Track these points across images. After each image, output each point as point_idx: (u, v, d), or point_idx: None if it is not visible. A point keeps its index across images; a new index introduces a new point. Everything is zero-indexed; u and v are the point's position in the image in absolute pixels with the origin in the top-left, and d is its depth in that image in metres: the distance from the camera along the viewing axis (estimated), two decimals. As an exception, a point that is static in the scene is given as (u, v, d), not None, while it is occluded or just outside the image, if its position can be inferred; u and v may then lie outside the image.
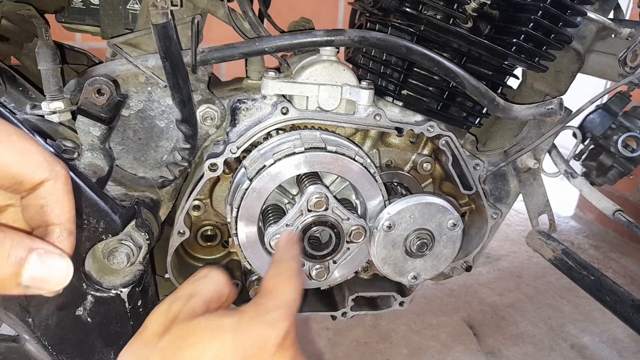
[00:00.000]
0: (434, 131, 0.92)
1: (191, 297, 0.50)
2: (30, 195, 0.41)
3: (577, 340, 1.98)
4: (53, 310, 0.76)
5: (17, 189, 0.40)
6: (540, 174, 1.12)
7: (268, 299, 0.52)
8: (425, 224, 0.89)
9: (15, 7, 0.87)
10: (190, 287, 0.52)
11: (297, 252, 0.64)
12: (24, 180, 0.39)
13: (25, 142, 0.39)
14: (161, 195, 0.94)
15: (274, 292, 0.53)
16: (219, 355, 0.45)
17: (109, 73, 0.86)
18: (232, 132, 0.90)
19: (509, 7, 0.89)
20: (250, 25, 0.91)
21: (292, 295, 0.53)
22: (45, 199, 0.41)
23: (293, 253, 0.62)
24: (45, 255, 0.38)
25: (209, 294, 0.52)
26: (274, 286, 0.54)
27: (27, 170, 0.39)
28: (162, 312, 0.49)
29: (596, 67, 1.06)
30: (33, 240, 0.38)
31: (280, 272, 0.57)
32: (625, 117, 1.16)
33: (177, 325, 0.47)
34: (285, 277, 0.56)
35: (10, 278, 0.36)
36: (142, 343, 0.47)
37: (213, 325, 0.47)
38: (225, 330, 0.47)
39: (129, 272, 0.81)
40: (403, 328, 1.94)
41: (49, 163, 0.40)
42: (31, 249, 0.37)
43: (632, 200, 2.77)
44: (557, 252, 1.08)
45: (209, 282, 0.53)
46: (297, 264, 0.60)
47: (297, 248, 0.65)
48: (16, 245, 0.36)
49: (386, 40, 0.83)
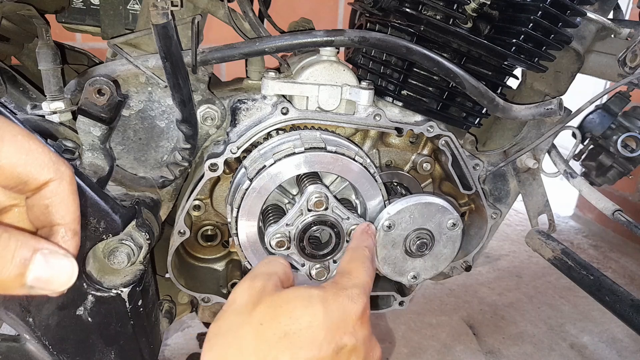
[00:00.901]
0: (433, 131, 0.92)
1: (270, 275, 0.57)
2: (35, 196, 0.41)
3: (576, 340, 1.98)
4: (54, 310, 0.76)
5: (22, 189, 0.40)
6: (540, 174, 1.12)
7: (347, 279, 0.59)
8: (425, 223, 0.89)
9: (15, 7, 0.88)
10: (265, 267, 0.59)
11: (372, 241, 0.73)
12: (29, 181, 0.39)
13: (31, 143, 0.39)
14: (162, 195, 0.94)
15: (352, 273, 0.60)
16: (312, 322, 0.50)
17: (109, 73, 0.86)
18: (233, 132, 0.90)
19: (508, 7, 0.89)
20: (250, 26, 0.91)
21: (367, 277, 0.61)
22: (50, 199, 0.41)
23: (368, 242, 0.71)
24: (50, 255, 0.38)
25: (282, 274, 0.58)
26: (350, 269, 0.62)
27: (32, 170, 0.39)
28: (246, 287, 0.54)
29: (596, 67, 1.06)
30: (38, 241, 0.38)
31: (356, 257, 0.65)
32: (625, 117, 1.16)
33: (267, 297, 0.53)
34: (360, 262, 0.64)
35: (15, 278, 0.36)
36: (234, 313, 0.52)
37: (303, 295, 0.53)
38: (315, 300, 0.52)
39: (129, 272, 0.81)
40: (403, 328, 1.94)
41: (54, 163, 0.40)
42: (36, 249, 0.37)
43: (632, 200, 2.77)
44: (556, 252, 1.08)
45: (278, 264, 0.60)
46: (371, 252, 0.69)
47: (372, 239, 0.74)
48: (21, 245, 0.36)
49: (386, 41, 0.83)
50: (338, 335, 0.51)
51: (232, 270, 1.04)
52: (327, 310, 0.51)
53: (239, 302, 0.53)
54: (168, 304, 1.04)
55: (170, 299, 1.05)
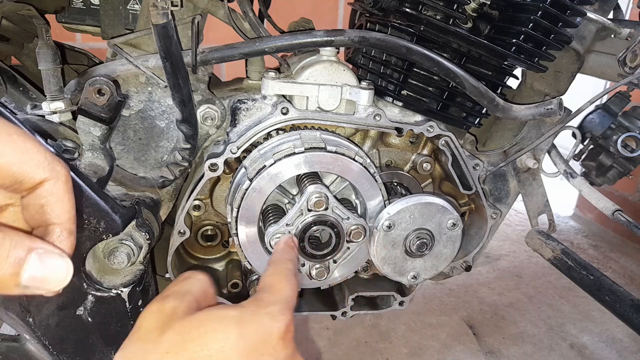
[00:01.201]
0: (433, 131, 0.92)
1: (183, 295, 0.51)
2: (30, 195, 0.41)
3: (576, 340, 1.98)
4: (54, 310, 0.76)
5: (17, 188, 0.40)
6: (540, 174, 1.12)
7: (268, 294, 0.54)
8: (425, 223, 0.89)
9: (15, 7, 0.88)
10: (179, 286, 0.53)
11: (295, 255, 0.67)
12: (25, 180, 0.39)
13: (26, 142, 0.39)
14: (161, 195, 0.94)
15: (273, 288, 0.55)
16: (224, 346, 0.45)
17: (109, 73, 0.86)
18: (233, 132, 0.90)
19: (508, 7, 0.89)
20: (250, 26, 0.91)
21: (290, 292, 0.55)
22: (46, 198, 0.41)
23: (290, 255, 0.65)
24: (45, 255, 0.38)
25: (198, 292, 0.52)
26: (272, 283, 0.56)
27: (27, 169, 0.39)
28: (155, 310, 0.49)
29: (596, 67, 1.06)
30: (33, 240, 0.38)
31: (278, 271, 0.59)
32: (625, 117, 1.16)
33: (177, 321, 0.47)
34: (283, 275, 0.58)
35: (9, 278, 0.36)
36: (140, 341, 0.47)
37: (216, 317, 0.47)
38: (228, 322, 0.47)
39: (129, 272, 0.81)
40: (403, 328, 1.94)
41: (50, 162, 0.40)
42: (31, 248, 0.37)
43: (632, 200, 2.77)
44: (556, 252, 1.08)
45: (195, 282, 0.54)
46: (294, 265, 0.63)
47: (295, 251, 0.68)
48: (15, 245, 0.36)
49: (386, 41, 0.83)
50: (255, 357, 0.46)
51: (232, 270, 1.04)
52: (242, 332, 0.46)
53: (145, 328, 0.47)
54: (168, 304, 1.03)
55: (170, 299, 1.05)
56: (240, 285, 1.00)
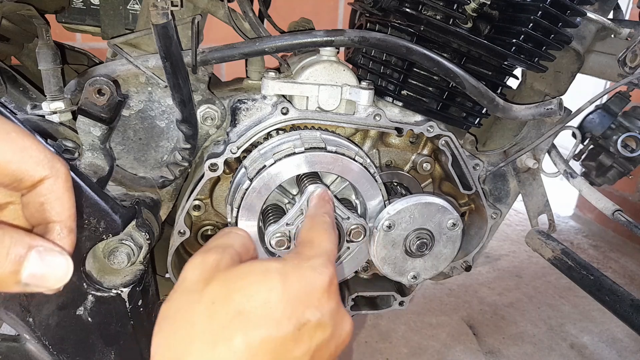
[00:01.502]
0: (433, 131, 0.92)
1: (225, 248, 0.51)
2: (30, 193, 0.41)
3: (576, 340, 1.98)
4: (53, 310, 0.76)
5: (17, 186, 0.40)
6: (540, 174, 1.12)
7: (309, 248, 0.53)
8: (425, 223, 0.89)
9: (15, 7, 0.88)
10: (219, 240, 0.53)
11: (331, 207, 0.67)
12: (24, 178, 0.39)
13: (25, 140, 0.39)
14: (161, 195, 0.94)
15: (313, 242, 0.55)
16: (269, 298, 0.45)
17: (109, 73, 0.86)
18: (233, 132, 0.90)
19: (508, 7, 0.89)
20: (250, 26, 0.91)
21: (330, 245, 0.55)
22: (45, 196, 0.41)
23: (326, 208, 0.65)
24: (45, 252, 0.38)
25: (239, 246, 0.52)
26: (311, 237, 0.56)
27: (27, 167, 0.39)
28: (198, 263, 0.49)
29: (596, 67, 1.06)
30: (33, 238, 0.38)
31: (316, 224, 0.59)
32: (625, 117, 1.16)
33: (220, 273, 0.47)
34: (322, 229, 0.58)
35: (9, 275, 0.36)
36: (185, 292, 0.47)
37: (259, 269, 0.47)
38: (272, 274, 0.47)
39: (129, 272, 0.82)
40: (403, 328, 1.94)
41: (49, 160, 0.40)
42: (31, 246, 0.37)
43: (632, 200, 2.77)
44: (556, 252, 1.08)
45: (236, 236, 0.54)
46: (332, 218, 0.62)
47: (330, 204, 0.68)
48: (16, 242, 0.36)
49: (386, 41, 0.83)
50: (299, 310, 0.46)
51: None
52: (286, 284, 0.46)
53: (190, 280, 0.47)
54: (168, 304, 1.04)
55: (170, 299, 1.05)
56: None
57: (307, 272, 0.48)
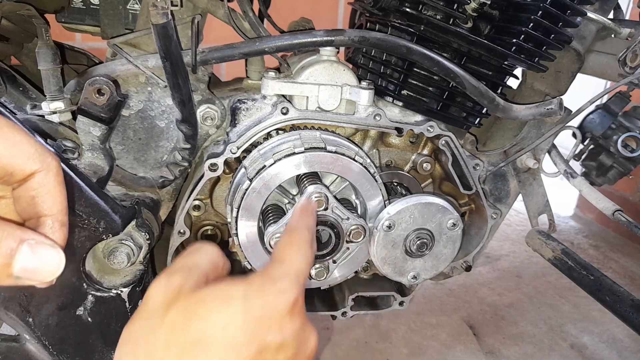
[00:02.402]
0: (433, 131, 0.92)
1: (190, 269, 0.49)
2: (21, 187, 0.41)
3: (576, 340, 1.98)
4: (53, 310, 0.76)
5: (7, 180, 0.40)
6: (540, 174, 1.12)
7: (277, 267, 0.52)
8: (425, 223, 0.89)
9: (15, 7, 0.87)
10: (186, 260, 0.51)
11: (313, 220, 0.64)
12: (15, 172, 0.39)
13: (16, 134, 0.39)
14: (161, 195, 0.94)
15: (284, 259, 0.53)
16: (229, 324, 0.44)
17: (109, 73, 0.86)
18: (232, 132, 0.90)
19: (509, 7, 0.89)
20: (250, 25, 0.91)
21: (301, 264, 0.53)
22: (37, 190, 0.41)
23: (308, 222, 0.62)
24: (37, 246, 0.38)
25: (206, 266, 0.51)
26: (283, 254, 0.54)
27: (17, 161, 0.39)
28: (162, 285, 0.47)
29: (596, 67, 1.06)
30: (24, 231, 0.38)
31: (291, 240, 0.57)
32: (625, 117, 1.16)
33: (183, 298, 0.46)
34: (296, 246, 0.56)
35: (1, 269, 0.36)
36: (146, 316, 0.46)
37: (221, 294, 0.46)
38: (234, 299, 0.46)
39: (129, 272, 0.81)
40: (403, 328, 1.94)
41: (40, 154, 0.40)
42: (22, 239, 0.37)
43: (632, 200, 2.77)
44: (556, 252, 1.08)
45: (203, 255, 0.52)
46: (311, 233, 0.59)
47: (313, 217, 0.64)
48: (7, 236, 0.36)
49: (386, 40, 0.83)
50: (261, 334, 0.45)
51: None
52: (247, 308, 0.45)
53: (152, 303, 0.46)
54: (168, 304, 1.04)
55: (170, 299, 1.05)
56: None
57: (270, 295, 0.47)
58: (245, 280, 0.48)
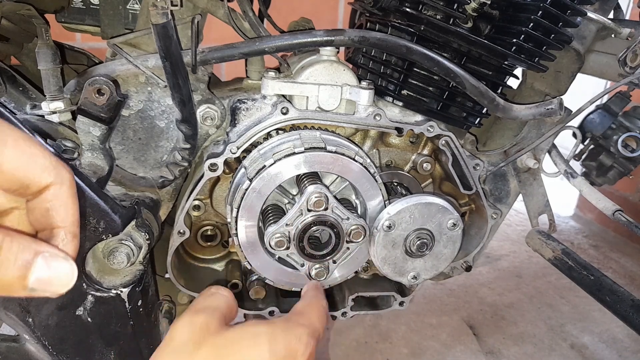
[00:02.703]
0: (434, 131, 0.92)
1: (213, 310, 0.55)
2: (35, 199, 0.41)
3: (576, 340, 1.98)
4: (53, 310, 0.76)
5: (23, 192, 0.41)
6: (540, 174, 1.12)
7: (299, 317, 0.59)
8: (425, 224, 0.89)
9: (15, 7, 0.87)
10: (207, 301, 0.58)
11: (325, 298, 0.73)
12: (31, 184, 0.40)
13: (32, 147, 0.40)
14: (161, 195, 0.94)
15: (305, 314, 0.61)
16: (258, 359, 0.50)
17: (109, 73, 0.86)
18: (232, 132, 0.90)
19: (509, 7, 0.89)
20: (250, 25, 0.91)
21: (319, 323, 0.60)
22: (51, 202, 0.42)
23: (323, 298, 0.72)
24: (51, 258, 0.38)
25: (225, 308, 0.57)
26: (305, 310, 0.62)
27: (33, 174, 0.40)
28: (187, 323, 0.52)
29: (596, 67, 1.06)
30: (39, 244, 0.38)
31: (312, 302, 0.66)
32: (625, 117, 1.16)
33: (211, 337, 0.51)
34: (317, 308, 0.64)
35: (17, 281, 0.37)
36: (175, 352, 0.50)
37: (250, 334, 0.52)
38: (261, 339, 0.51)
39: (129, 272, 0.81)
40: (403, 328, 1.94)
41: (55, 167, 0.41)
42: (37, 252, 0.38)
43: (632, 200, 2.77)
44: (556, 252, 1.08)
45: (222, 297, 0.59)
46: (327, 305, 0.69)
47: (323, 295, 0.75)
48: (23, 249, 0.37)
49: (386, 40, 0.83)
50: None
51: (232, 271, 1.04)
52: (272, 348, 0.51)
53: (179, 340, 0.50)
54: (168, 304, 1.04)
55: (170, 299, 1.05)
56: (240, 286, 1.00)
57: (292, 339, 0.53)
58: (270, 323, 0.55)
